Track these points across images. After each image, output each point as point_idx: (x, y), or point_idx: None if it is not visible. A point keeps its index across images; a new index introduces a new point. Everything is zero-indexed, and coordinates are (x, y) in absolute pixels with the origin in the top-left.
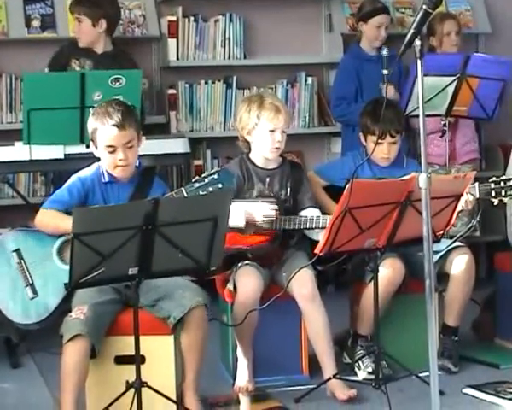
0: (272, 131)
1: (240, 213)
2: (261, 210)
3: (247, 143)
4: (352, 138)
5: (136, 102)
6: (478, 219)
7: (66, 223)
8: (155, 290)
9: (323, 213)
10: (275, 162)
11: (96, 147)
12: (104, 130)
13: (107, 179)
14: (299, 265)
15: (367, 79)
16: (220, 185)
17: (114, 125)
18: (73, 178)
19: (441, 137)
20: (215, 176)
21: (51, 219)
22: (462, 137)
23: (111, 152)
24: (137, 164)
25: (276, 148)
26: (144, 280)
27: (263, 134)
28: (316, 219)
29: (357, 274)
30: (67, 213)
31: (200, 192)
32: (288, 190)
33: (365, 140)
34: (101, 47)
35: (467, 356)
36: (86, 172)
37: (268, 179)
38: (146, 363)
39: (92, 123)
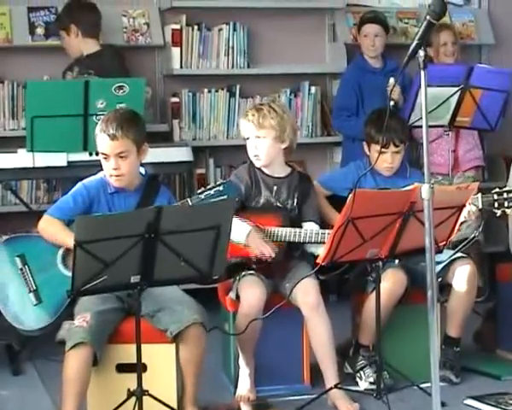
0: (248, 138)
1: (243, 230)
2: (261, 249)
3: None
4: (352, 149)
5: (139, 111)
6: (481, 230)
7: (63, 236)
8: (155, 301)
9: (326, 223)
10: (283, 171)
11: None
12: (99, 137)
13: (112, 190)
14: (303, 275)
15: (369, 90)
16: (225, 197)
17: (107, 134)
18: (79, 185)
19: (448, 135)
20: (220, 188)
21: (52, 229)
22: (465, 144)
23: (105, 159)
24: (143, 173)
25: (255, 155)
26: (146, 289)
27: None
28: (319, 234)
29: (359, 284)
30: (71, 221)
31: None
32: (295, 200)
33: (369, 149)
34: (86, 51)
35: (468, 367)
36: (92, 180)
37: (275, 188)
38: (147, 371)
39: (96, 128)
